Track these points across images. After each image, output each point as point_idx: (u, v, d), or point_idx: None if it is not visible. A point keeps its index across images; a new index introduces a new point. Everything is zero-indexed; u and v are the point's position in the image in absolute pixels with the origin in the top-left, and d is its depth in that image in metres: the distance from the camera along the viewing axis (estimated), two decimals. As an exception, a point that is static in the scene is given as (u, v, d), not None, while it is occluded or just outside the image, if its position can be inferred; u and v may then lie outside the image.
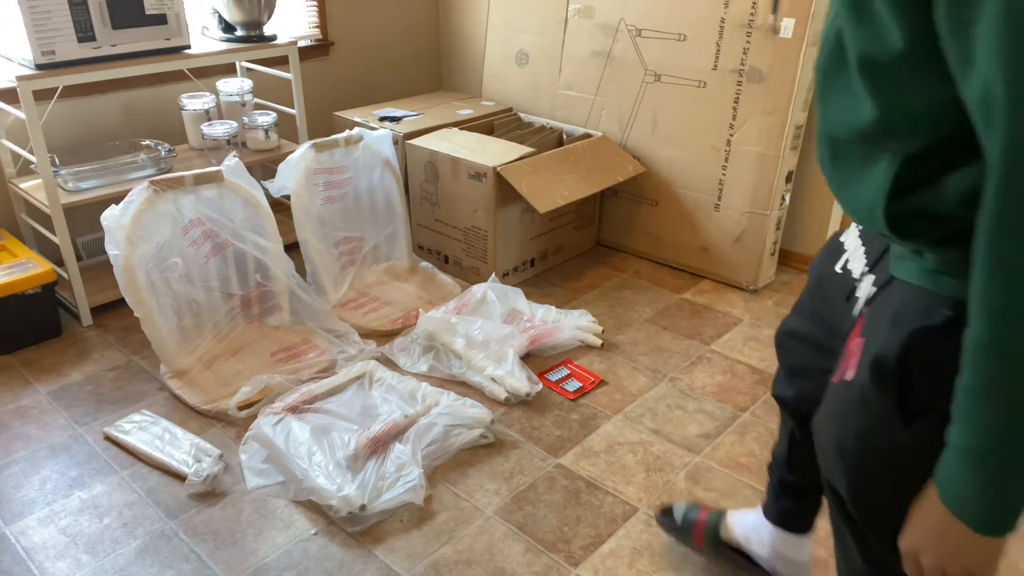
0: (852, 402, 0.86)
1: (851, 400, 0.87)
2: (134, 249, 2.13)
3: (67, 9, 2.23)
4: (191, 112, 2.80)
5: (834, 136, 0.84)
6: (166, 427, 2.02)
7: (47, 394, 2.21)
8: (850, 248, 1.06)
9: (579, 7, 2.97)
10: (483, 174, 2.61)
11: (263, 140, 2.83)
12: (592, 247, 3.17)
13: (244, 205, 2.35)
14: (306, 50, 3.22)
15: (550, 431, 2.06)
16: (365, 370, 2.22)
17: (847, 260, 1.06)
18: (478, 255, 2.78)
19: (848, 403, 0.87)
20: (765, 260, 2.77)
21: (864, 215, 0.82)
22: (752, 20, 2.55)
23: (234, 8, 2.67)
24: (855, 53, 0.76)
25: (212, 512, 1.79)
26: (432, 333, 2.33)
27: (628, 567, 1.65)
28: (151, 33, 2.42)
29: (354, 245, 2.73)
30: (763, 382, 2.28)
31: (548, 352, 2.40)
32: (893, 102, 0.74)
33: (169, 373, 2.24)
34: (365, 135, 2.68)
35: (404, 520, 1.77)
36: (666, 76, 2.79)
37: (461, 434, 1.97)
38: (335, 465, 1.82)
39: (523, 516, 1.78)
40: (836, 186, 0.86)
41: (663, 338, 2.50)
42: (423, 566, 1.65)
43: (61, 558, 1.67)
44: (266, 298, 2.47)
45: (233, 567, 1.65)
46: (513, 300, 2.56)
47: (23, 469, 1.93)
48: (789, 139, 2.59)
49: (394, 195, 2.78)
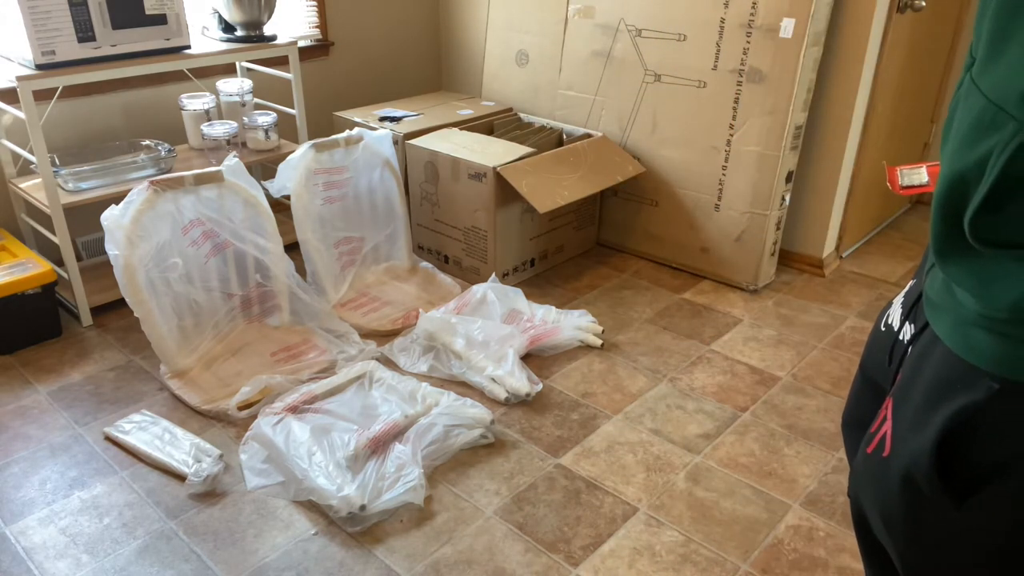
0: (893, 481, 0.78)
1: (891, 479, 0.78)
2: (134, 249, 2.13)
3: (67, 9, 2.23)
4: (191, 112, 2.80)
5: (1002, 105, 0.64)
6: (166, 427, 2.02)
7: (47, 394, 2.21)
8: (895, 301, 0.97)
9: (579, 7, 2.97)
10: (483, 174, 2.61)
11: (263, 140, 2.83)
12: (592, 247, 3.17)
13: (244, 205, 2.35)
14: (306, 50, 3.22)
15: (550, 431, 2.06)
16: (365, 370, 2.22)
17: (889, 315, 0.96)
18: (478, 255, 2.78)
19: (888, 481, 0.79)
20: (765, 260, 2.77)
21: None
22: (752, 20, 2.55)
23: (234, 8, 2.67)
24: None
25: (212, 512, 1.79)
26: (432, 333, 2.33)
27: (628, 567, 1.65)
28: (151, 33, 2.42)
29: (354, 245, 2.73)
30: (763, 382, 2.28)
31: (548, 352, 2.40)
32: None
33: (169, 373, 2.24)
34: (365, 135, 2.68)
35: (404, 520, 1.77)
36: (666, 76, 2.79)
37: (461, 434, 1.97)
38: (335, 465, 1.82)
39: (523, 516, 1.78)
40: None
41: (663, 338, 2.50)
42: (423, 566, 1.65)
43: (61, 558, 1.67)
44: (266, 298, 2.47)
45: (233, 567, 1.65)
46: (513, 300, 2.56)
47: (23, 469, 1.93)
48: (789, 139, 2.59)
49: (394, 195, 2.78)
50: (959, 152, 0.69)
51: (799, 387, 2.26)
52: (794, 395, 2.23)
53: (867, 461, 0.84)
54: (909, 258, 3.11)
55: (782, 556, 1.68)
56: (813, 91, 2.63)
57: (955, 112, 0.73)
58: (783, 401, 2.20)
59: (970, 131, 0.68)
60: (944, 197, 0.71)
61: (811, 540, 1.72)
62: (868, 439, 0.85)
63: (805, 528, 1.76)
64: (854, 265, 3.04)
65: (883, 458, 0.80)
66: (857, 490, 0.88)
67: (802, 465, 1.95)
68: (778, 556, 1.68)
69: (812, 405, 2.18)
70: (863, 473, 0.85)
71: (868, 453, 0.84)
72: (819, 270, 2.93)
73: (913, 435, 0.76)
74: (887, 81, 2.79)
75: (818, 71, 2.60)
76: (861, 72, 2.59)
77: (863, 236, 3.23)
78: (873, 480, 0.83)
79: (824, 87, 2.66)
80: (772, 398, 2.21)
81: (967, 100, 0.70)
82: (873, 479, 0.83)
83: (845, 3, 2.53)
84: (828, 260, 2.96)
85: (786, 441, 2.03)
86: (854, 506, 0.90)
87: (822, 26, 2.51)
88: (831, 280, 2.91)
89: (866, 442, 0.85)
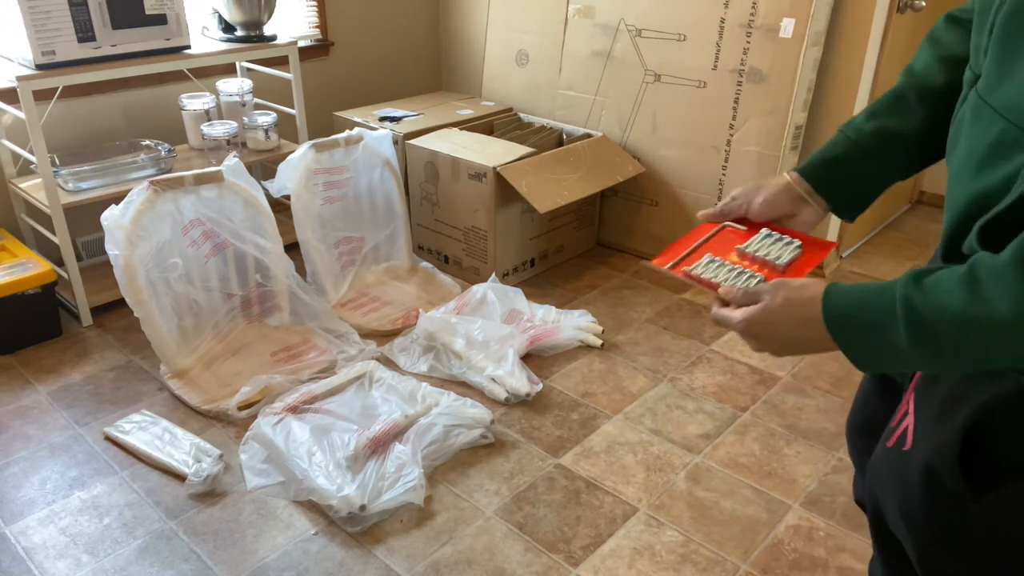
0: (914, 475, 0.79)
1: (912, 473, 0.79)
2: (134, 249, 2.13)
3: (67, 9, 2.23)
4: (191, 112, 2.80)
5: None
6: (166, 427, 2.02)
7: (47, 394, 2.21)
8: None
9: (579, 7, 2.97)
10: (483, 174, 2.61)
11: (263, 140, 2.83)
12: (592, 247, 3.16)
13: (244, 205, 2.35)
14: (306, 50, 3.22)
15: (550, 431, 2.06)
16: (365, 370, 2.21)
17: None
18: (478, 255, 2.78)
19: (908, 475, 0.80)
20: (765, 260, 2.76)
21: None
22: (752, 20, 2.55)
23: (234, 8, 2.67)
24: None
25: (212, 512, 1.79)
26: (432, 333, 2.33)
27: (628, 567, 1.65)
28: (151, 33, 2.42)
29: (354, 245, 2.73)
30: (763, 382, 2.28)
31: (548, 352, 2.40)
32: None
33: (169, 373, 2.24)
34: (365, 135, 2.68)
35: (404, 520, 1.77)
36: (666, 76, 2.79)
37: (461, 434, 1.97)
38: (335, 465, 1.82)
39: (523, 516, 1.78)
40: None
41: (663, 338, 2.50)
42: (423, 566, 1.65)
43: (61, 558, 1.67)
44: (266, 298, 2.47)
45: (233, 567, 1.65)
46: (513, 300, 2.56)
47: (23, 469, 1.93)
48: (789, 139, 2.59)
49: (394, 195, 2.78)
50: (981, 172, 0.70)
51: (799, 387, 2.26)
52: (794, 395, 2.22)
53: (887, 455, 0.84)
54: (909, 258, 3.11)
55: (782, 556, 1.68)
56: (813, 91, 2.62)
57: (962, 128, 0.73)
58: (783, 401, 2.20)
59: (991, 150, 0.69)
60: (964, 215, 0.72)
61: (811, 540, 1.72)
62: (888, 433, 0.85)
63: (805, 528, 1.76)
64: (854, 265, 3.03)
65: (904, 451, 0.80)
66: (875, 486, 0.88)
67: (802, 465, 1.95)
68: (778, 556, 1.68)
69: (812, 405, 2.18)
70: (883, 468, 0.85)
71: (889, 447, 0.84)
72: (819, 270, 2.93)
73: (937, 428, 0.76)
74: (887, 81, 2.79)
75: (818, 71, 2.60)
76: (861, 72, 2.59)
77: (863, 236, 3.23)
78: (893, 474, 0.83)
79: (824, 87, 2.66)
80: (772, 398, 2.21)
81: (978, 118, 0.71)
82: (893, 473, 0.83)
83: (845, 3, 2.53)
84: (828, 260, 2.95)
85: (786, 441, 2.03)
86: (871, 503, 0.90)
87: (822, 26, 2.51)
88: (831, 280, 2.90)
89: (886, 436, 0.85)
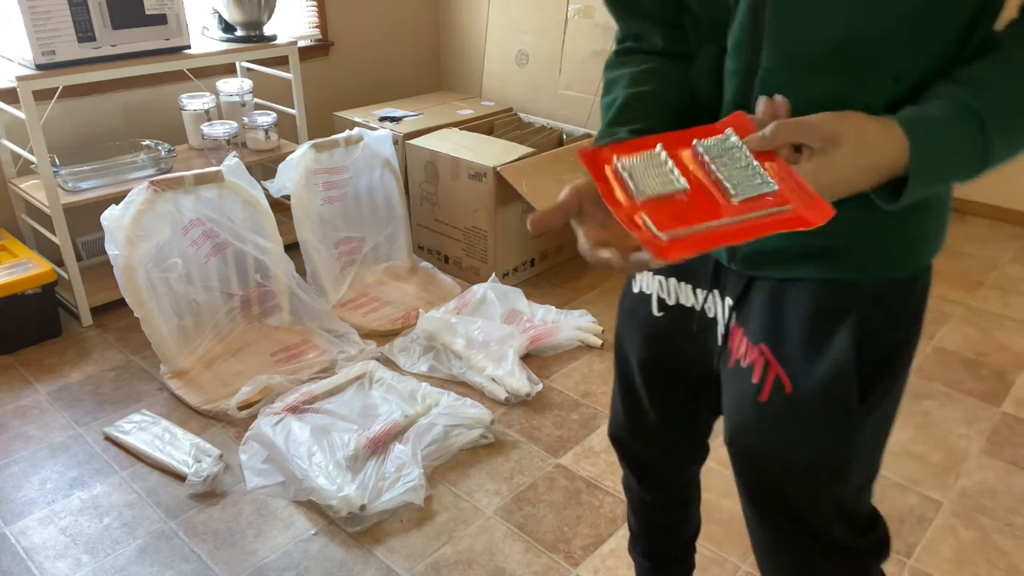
0: (807, 408, 0.84)
1: (804, 408, 0.84)
2: (134, 249, 2.13)
3: (67, 9, 2.23)
4: (191, 112, 2.80)
5: (803, 55, 0.73)
6: (166, 427, 2.02)
7: (47, 394, 2.21)
8: (659, 289, 1.01)
9: (579, 7, 2.97)
10: (483, 174, 2.61)
11: (263, 140, 2.83)
12: (592, 247, 3.16)
13: (244, 205, 2.35)
14: (306, 50, 3.22)
15: (550, 431, 2.06)
16: (365, 370, 2.22)
17: (666, 299, 1.00)
18: (478, 255, 2.78)
19: (801, 412, 0.84)
20: (765, 260, 2.77)
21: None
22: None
23: (234, 8, 2.67)
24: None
25: (212, 512, 1.79)
26: (432, 333, 2.33)
27: (628, 567, 1.65)
28: (151, 33, 2.42)
29: (354, 245, 2.73)
30: (763, 382, 2.28)
31: (548, 352, 2.40)
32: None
33: (169, 373, 2.24)
34: (365, 135, 2.68)
35: (404, 520, 1.77)
36: (666, 76, 2.79)
37: (461, 434, 1.97)
38: (335, 465, 1.82)
39: (523, 516, 1.78)
40: None
41: (663, 338, 2.50)
42: (423, 566, 1.65)
43: (61, 558, 1.67)
44: (266, 298, 2.47)
45: (233, 567, 1.65)
46: (513, 300, 2.56)
47: (23, 469, 1.93)
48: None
49: (394, 195, 2.78)
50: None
51: (799, 387, 2.26)
52: (794, 395, 2.22)
53: (765, 408, 0.87)
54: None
55: (782, 556, 1.68)
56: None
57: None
58: (783, 401, 2.20)
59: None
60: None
61: (811, 540, 1.72)
62: (753, 390, 0.87)
63: (805, 528, 1.75)
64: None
65: (788, 395, 0.84)
66: (750, 442, 0.90)
67: (802, 465, 1.95)
68: (778, 556, 1.68)
69: (812, 405, 2.18)
70: (762, 419, 0.88)
71: (763, 401, 0.86)
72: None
73: (815, 362, 0.82)
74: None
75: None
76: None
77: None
78: (777, 421, 0.86)
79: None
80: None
81: None
82: (776, 420, 0.86)
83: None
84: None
85: (786, 441, 2.03)
86: (747, 463, 0.92)
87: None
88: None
89: (751, 393, 0.87)
